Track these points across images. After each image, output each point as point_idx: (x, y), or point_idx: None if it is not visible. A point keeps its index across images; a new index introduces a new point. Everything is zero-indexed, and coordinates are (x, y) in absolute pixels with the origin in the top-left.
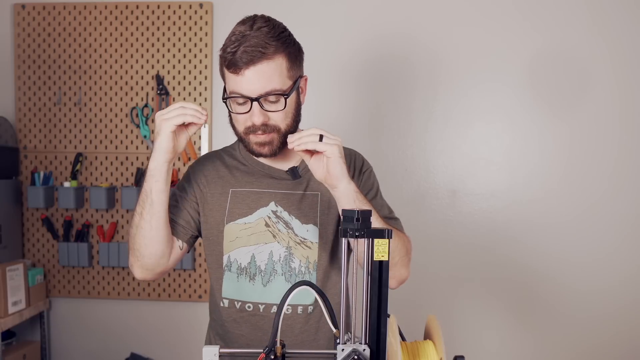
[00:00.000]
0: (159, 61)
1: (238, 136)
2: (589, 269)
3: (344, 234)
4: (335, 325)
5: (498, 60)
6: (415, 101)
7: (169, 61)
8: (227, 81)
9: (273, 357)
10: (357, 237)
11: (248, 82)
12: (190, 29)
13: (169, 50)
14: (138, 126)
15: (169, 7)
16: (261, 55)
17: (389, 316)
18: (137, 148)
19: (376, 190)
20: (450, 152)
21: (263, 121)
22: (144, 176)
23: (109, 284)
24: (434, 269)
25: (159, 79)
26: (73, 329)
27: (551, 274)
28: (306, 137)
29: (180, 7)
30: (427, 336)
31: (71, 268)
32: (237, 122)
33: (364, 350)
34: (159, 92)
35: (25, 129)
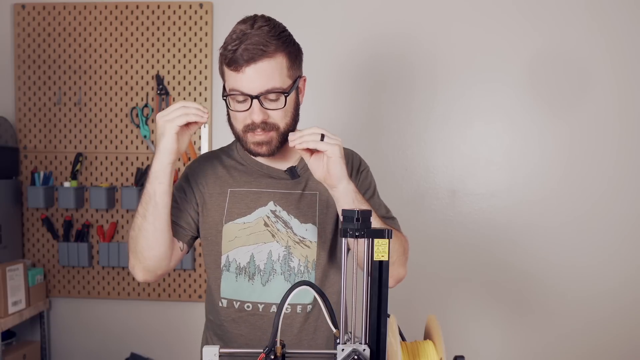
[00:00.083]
0: (159, 61)
1: (236, 135)
2: (589, 269)
3: (344, 234)
4: (335, 325)
5: (498, 59)
6: (415, 101)
7: (169, 61)
8: (227, 79)
9: (273, 357)
10: (357, 237)
11: (248, 80)
12: (190, 29)
13: (169, 50)
14: (138, 126)
15: (169, 7)
16: (262, 53)
17: (389, 316)
18: (137, 148)
19: (373, 189)
20: (450, 152)
21: (263, 119)
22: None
23: (109, 284)
24: (434, 269)
25: (159, 79)
26: (73, 329)
27: (551, 273)
28: (307, 135)
29: (180, 7)
30: (427, 336)
31: (71, 268)
32: (236, 120)
33: (364, 350)
34: (159, 92)
35: (25, 129)
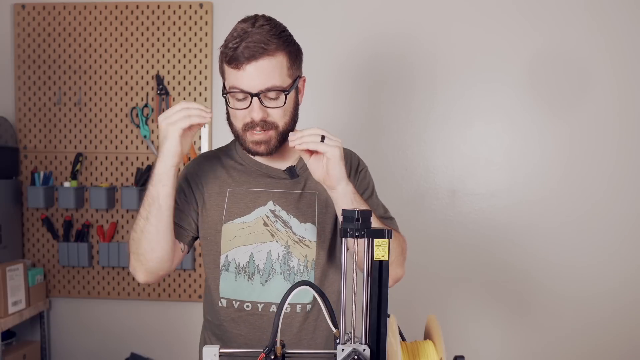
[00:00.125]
0: (159, 61)
1: (235, 133)
2: (589, 269)
3: (344, 234)
4: (335, 325)
5: (498, 59)
6: (415, 101)
7: (169, 61)
8: (227, 77)
9: (273, 357)
10: (357, 237)
11: (249, 78)
12: (190, 29)
13: (169, 50)
14: (138, 126)
15: (169, 7)
16: (263, 51)
17: (389, 316)
18: (137, 148)
19: (372, 189)
20: (450, 152)
21: (262, 117)
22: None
23: (109, 284)
24: (434, 269)
25: (159, 79)
26: (73, 329)
27: (551, 273)
28: (308, 136)
29: (180, 7)
30: (427, 336)
31: (71, 268)
32: (235, 118)
33: (364, 350)
34: (159, 92)
35: (25, 129)
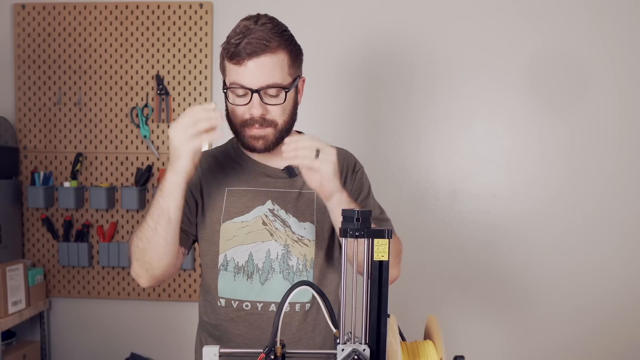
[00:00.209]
0: (159, 61)
1: (233, 130)
2: (590, 269)
3: (343, 234)
4: (335, 325)
5: (498, 59)
6: (415, 101)
7: (169, 61)
8: (228, 73)
9: (273, 357)
10: (357, 237)
11: (250, 74)
12: (190, 29)
13: (169, 50)
14: (138, 126)
15: (169, 7)
16: (265, 47)
17: (389, 316)
18: (137, 148)
19: (368, 190)
20: (450, 152)
21: (262, 114)
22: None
23: (109, 284)
24: (434, 269)
25: (159, 79)
26: (73, 329)
27: (551, 274)
28: (302, 150)
29: (180, 7)
30: (427, 336)
31: (71, 268)
32: (234, 114)
33: (364, 350)
34: (159, 92)
35: (25, 129)
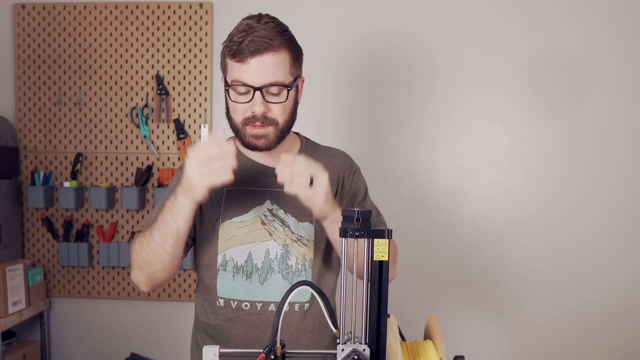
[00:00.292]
0: (159, 61)
1: (234, 128)
2: (590, 269)
3: (343, 234)
4: (335, 325)
5: (498, 59)
6: (415, 101)
7: (169, 61)
8: (230, 71)
9: (273, 357)
10: (357, 237)
11: (252, 72)
12: (190, 29)
13: (169, 50)
14: (138, 126)
15: (169, 7)
16: (267, 46)
17: (389, 316)
18: (137, 148)
19: (364, 191)
20: (450, 152)
21: (263, 111)
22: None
23: (109, 284)
24: (434, 269)
25: (159, 79)
26: (73, 329)
27: (551, 274)
28: (297, 177)
29: (180, 7)
30: (427, 336)
31: (71, 268)
32: (235, 112)
33: (364, 350)
34: (159, 92)
35: (25, 129)
